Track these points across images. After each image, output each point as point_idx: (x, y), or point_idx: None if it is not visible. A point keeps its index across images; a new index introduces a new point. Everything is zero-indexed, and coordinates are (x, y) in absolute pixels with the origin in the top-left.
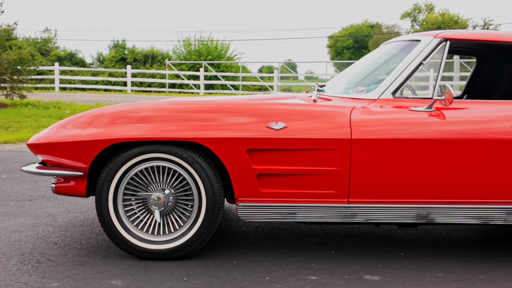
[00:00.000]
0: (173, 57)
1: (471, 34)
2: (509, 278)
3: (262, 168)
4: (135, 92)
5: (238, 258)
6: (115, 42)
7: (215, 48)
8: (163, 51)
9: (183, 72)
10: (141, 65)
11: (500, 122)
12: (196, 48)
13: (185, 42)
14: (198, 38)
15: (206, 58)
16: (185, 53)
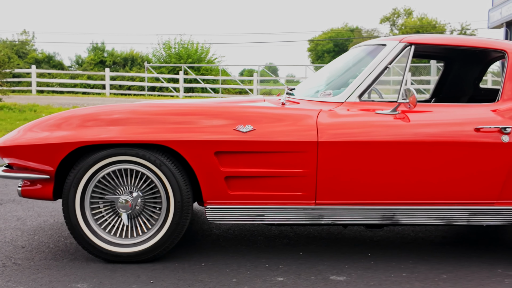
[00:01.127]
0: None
1: (435, 38)
2: (472, 277)
3: (230, 170)
4: (114, 95)
5: (206, 260)
6: (94, 44)
7: (195, 51)
8: (143, 54)
9: (162, 75)
10: (121, 68)
11: (463, 125)
12: (176, 51)
13: (165, 45)
14: (178, 41)
15: (186, 61)
16: (165, 56)
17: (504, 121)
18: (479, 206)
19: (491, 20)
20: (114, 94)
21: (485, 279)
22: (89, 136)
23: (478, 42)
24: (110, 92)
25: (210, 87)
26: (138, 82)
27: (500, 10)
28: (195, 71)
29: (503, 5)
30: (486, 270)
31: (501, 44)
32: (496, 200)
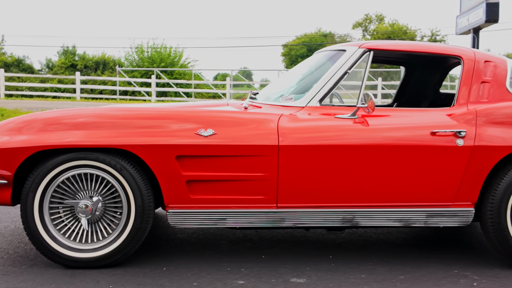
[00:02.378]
0: (125, 64)
1: (393, 44)
2: (428, 278)
3: (192, 174)
4: (85, 99)
5: (168, 264)
6: (65, 48)
7: (168, 55)
8: (115, 57)
9: (134, 79)
10: (92, 71)
11: (420, 129)
12: (149, 55)
13: (137, 49)
14: (151, 45)
15: (159, 65)
16: (137, 60)
17: (459, 125)
18: (436, 208)
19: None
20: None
21: (441, 279)
22: (49, 141)
23: (435, 48)
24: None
25: (183, 91)
26: (110, 86)
27: (467, 17)
28: (168, 75)
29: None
30: (443, 270)
31: (457, 50)
32: (452, 202)
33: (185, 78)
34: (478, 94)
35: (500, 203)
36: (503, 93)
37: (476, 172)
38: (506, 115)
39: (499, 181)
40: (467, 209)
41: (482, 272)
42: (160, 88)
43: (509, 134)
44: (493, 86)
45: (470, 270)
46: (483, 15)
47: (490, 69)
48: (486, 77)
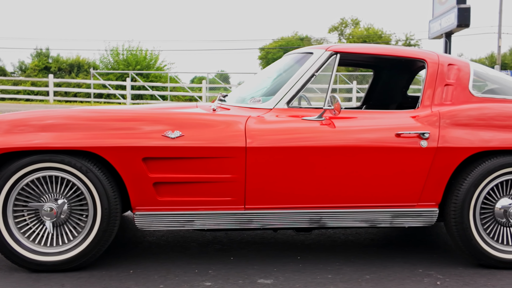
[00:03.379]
0: (100, 67)
1: (359, 48)
2: (394, 277)
3: (159, 176)
4: (58, 102)
5: (135, 267)
6: (38, 50)
7: (144, 58)
8: (90, 60)
9: (109, 82)
10: (66, 74)
11: (385, 131)
12: (124, 57)
13: (112, 52)
14: (126, 47)
15: (134, 68)
16: (112, 63)
17: (423, 127)
18: (401, 209)
19: (432, 31)
20: (59, 101)
21: (406, 278)
22: (14, 142)
23: (400, 51)
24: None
25: (159, 94)
26: (85, 89)
27: (439, 21)
28: (144, 78)
29: (442, 17)
30: (408, 270)
31: (421, 53)
32: (417, 202)
33: (161, 81)
34: (441, 96)
35: (463, 203)
36: (466, 95)
37: (439, 173)
38: (469, 117)
39: (462, 182)
40: (431, 209)
41: (446, 271)
42: (135, 91)
43: (471, 136)
44: (456, 89)
45: (434, 269)
46: (455, 19)
47: (453, 72)
48: (449, 80)
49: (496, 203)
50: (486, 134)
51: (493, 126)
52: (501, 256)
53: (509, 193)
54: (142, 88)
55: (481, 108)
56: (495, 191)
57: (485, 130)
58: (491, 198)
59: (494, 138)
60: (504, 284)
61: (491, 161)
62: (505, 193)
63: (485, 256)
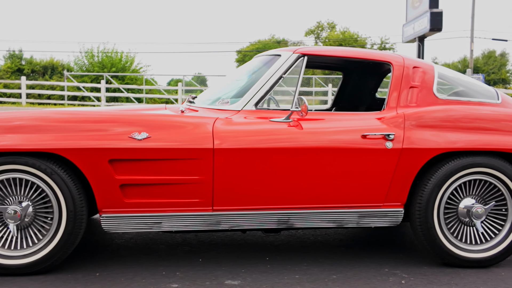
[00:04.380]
0: (75, 69)
1: (325, 50)
2: (360, 277)
3: (126, 178)
4: (31, 104)
5: (102, 270)
6: (11, 52)
7: (119, 60)
8: (64, 62)
9: (83, 84)
10: (40, 76)
11: (351, 133)
12: (99, 59)
13: (87, 54)
14: (101, 49)
15: (110, 70)
16: (87, 65)
17: (389, 129)
18: (368, 209)
19: (405, 34)
20: (31, 103)
21: (372, 278)
22: None
23: (366, 54)
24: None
25: (134, 96)
26: (59, 91)
27: (413, 25)
28: (119, 81)
29: (415, 21)
30: (374, 269)
31: (387, 56)
32: (383, 203)
33: (136, 84)
34: (407, 98)
35: (427, 203)
36: (430, 97)
37: (404, 173)
38: (433, 118)
39: (426, 182)
40: (397, 210)
41: (411, 270)
42: (110, 93)
43: (435, 137)
44: (421, 91)
45: (400, 268)
46: (428, 24)
47: (418, 74)
48: (414, 83)
49: (460, 203)
50: (450, 135)
51: (457, 128)
52: (464, 255)
53: (472, 193)
54: (118, 91)
55: (446, 110)
56: (458, 191)
57: (450, 132)
58: (454, 198)
59: (458, 140)
60: (467, 283)
61: (454, 162)
62: (468, 193)
63: (449, 255)
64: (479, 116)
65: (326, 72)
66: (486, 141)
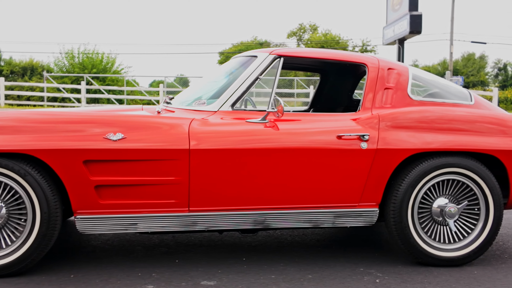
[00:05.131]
0: (55, 70)
1: (302, 52)
2: (335, 276)
3: (101, 179)
4: (9, 105)
5: (77, 271)
6: None
7: (100, 61)
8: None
9: (63, 85)
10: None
11: (327, 134)
12: (80, 60)
13: (67, 55)
14: (82, 50)
15: (90, 71)
16: (67, 66)
17: (363, 129)
18: (343, 209)
19: (385, 37)
20: (10, 104)
21: (347, 277)
22: None
23: (342, 56)
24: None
25: (115, 98)
26: (38, 93)
27: (393, 28)
28: (100, 82)
29: (395, 23)
30: (349, 269)
31: (362, 58)
32: (358, 203)
33: (118, 85)
34: (382, 100)
35: (402, 203)
36: (405, 99)
37: (379, 173)
38: (408, 119)
39: (400, 182)
40: (372, 209)
41: (386, 269)
42: (91, 94)
43: (409, 138)
44: (396, 93)
45: (375, 267)
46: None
47: (393, 76)
48: (389, 84)
49: (433, 203)
50: (424, 136)
51: (432, 129)
52: (438, 254)
53: (445, 193)
54: (98, 92)
55: (421, 111)
56: (432, 191)
57: (424, 132)
58: (428, 198)
59: (433, 140)
60: (440, 281)
61: (428, 162)
62: (441, 193)
63: (423, 254)
64: (454, 117)
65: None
66: (460, 141)
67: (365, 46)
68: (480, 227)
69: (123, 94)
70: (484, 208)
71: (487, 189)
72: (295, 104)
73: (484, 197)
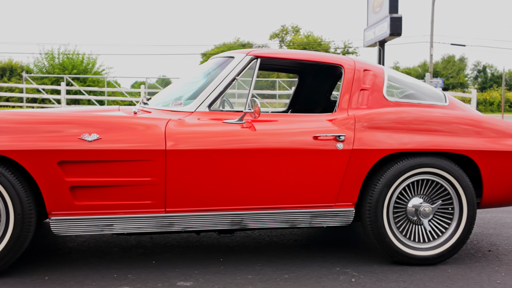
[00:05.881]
0: (35, 71)
1: (278, 53)
2: (311, 276)
3: (76, 180)
4: None
5: (52, 273)
6: None
7: (80, 62)
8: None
9: (43, 86)
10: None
11: (303, 134)
12: (60, 61)
13: (47, 55)
14: (62, 51)
15: (71, 72)
16: (47, 67)
17: (340, 130)
18: (320, 209)
19: (366, 39)
20: None
21: (323, 276)
22: None
23: (318, 57)
24: None
25: (96, 99)
26: (17, 94)
27: (373, 30)
28: (81, 83)
29: (376, 26)
30: (326, 268)
31: (338, 59)
32: (334, 203)
33: (99, 86)
34: (357, 100)
35: (377, 203)
36: (380, 100)
37: (355, 174)
38: (383, 120)
39: (376, 182)
40: (348, 209)
41: (362, 268)
42: (71, 95)
43: (385, 138)
44: (372, 94)
45: (351, 267)
46: (388, 28)
47: (369, 77)
48: (365, 85)
49: (408, 202)
50: (399, 136)
51: (407, 129)
52: (412, 253)
53: (420, 192)
54: (79, 93)
55: (397, 112)
56: (407, 191)
57: (399, 133)
58: (403, 198)
59: (409, 141)
60: (414, 280)
61: (402, 162)
62: (416, 193)
63: (398, 253)
64: (430, 118)
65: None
66: (434, 142)
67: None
68: (454, 226)
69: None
70: (458, 207)
71: (460, 189)
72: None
73: (458, 197)
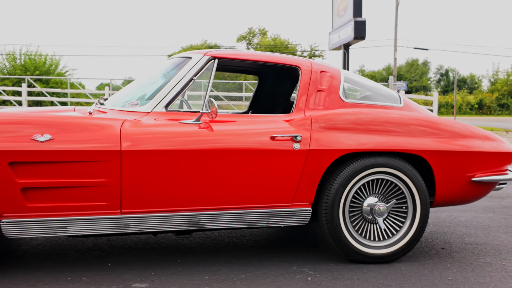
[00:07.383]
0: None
1: (235, 54)
2: (268, 275)
3: (28, 181)
4: None
5: (3, 277)
6: None
7: (43, 63)
8: None
9: (3, 87)
10: None
11: (260, 135)
12: (22, 62)
13: (8, 56)
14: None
15: (33, 73)
16: (8, 68)
17: (296, 130)
18: (277, 209)
19: (331, 42)
20: None
21: (279, 276)
22: None
23: (275, 58)
24: None
25: (59, 101)
26: None
27: (338, 34)
28: (44, 84)
29: (340, 29)
30: (283, 268)
31: (295, 60)
32: (291, 202)
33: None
34: (314, 101)
35: (333, 202)
36: (337, 101)
37: (311, 174)
38: (339, 121)
39: (332, 182)
40: (305, 209)
41: (318, 267)
42: (33, 97)
43: (341, 139)
44: (328, 95)
45: (307, 266)
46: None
47: (326, 79)
48: (322, 86)
49: (364, 202)
50: (356, 137)
51: (364, 130)
52: (368, 251)
53: (375, 192)
54: (41, 94)
55: (353, 113)
56: (362, 190)
57: (355, 133)
58: (359, 197)
59: (367, 141)
60: (369, 277)
61: (358, 162)
62: (371, 192)
63: (354, 252)
64: (386, 119)
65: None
66: (388, 142)
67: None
68: (408, 225)
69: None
70: (411, 206)
71: (414, 188)
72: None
73: (412, 196)
